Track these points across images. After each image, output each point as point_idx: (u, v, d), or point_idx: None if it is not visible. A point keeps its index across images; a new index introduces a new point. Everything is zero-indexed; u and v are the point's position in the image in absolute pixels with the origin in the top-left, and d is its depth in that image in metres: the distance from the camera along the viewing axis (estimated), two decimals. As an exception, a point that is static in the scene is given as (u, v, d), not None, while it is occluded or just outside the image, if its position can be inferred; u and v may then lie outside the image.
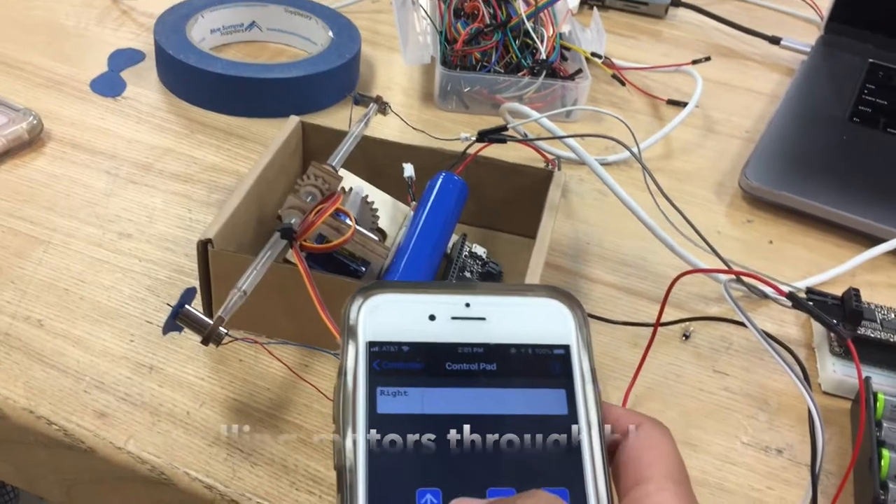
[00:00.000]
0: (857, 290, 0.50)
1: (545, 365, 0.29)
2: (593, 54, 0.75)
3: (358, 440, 0.26)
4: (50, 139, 0.62)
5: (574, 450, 0.27)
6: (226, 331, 0.40)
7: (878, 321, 0.50)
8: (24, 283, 0.50)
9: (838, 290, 0.52)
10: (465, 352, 0.28)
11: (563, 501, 0.25)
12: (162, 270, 0.52)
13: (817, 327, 0.52)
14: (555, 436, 0.28)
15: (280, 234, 0.44)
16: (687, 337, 0.52)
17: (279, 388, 0.45)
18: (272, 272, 0.43)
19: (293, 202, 0.46)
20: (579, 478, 0.27)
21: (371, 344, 0.28)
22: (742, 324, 0.43)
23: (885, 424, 0.44)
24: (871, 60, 0.80)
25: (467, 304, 0.29)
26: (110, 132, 0.63)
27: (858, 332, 0.49)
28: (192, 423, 0.43)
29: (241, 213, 0.48)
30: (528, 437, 0.27)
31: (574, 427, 0.28)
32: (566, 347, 0.29)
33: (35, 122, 0.60)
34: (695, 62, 0.78)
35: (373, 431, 0.26)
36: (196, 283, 0.47)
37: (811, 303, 0.49)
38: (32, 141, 0.61)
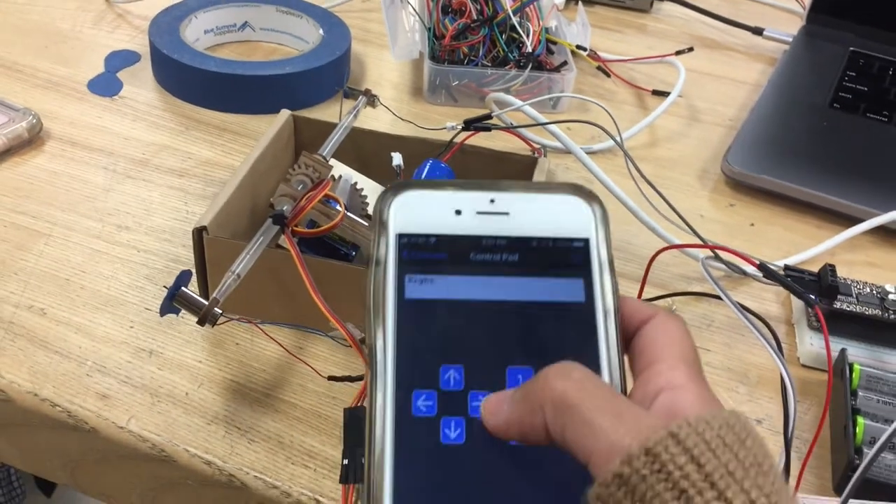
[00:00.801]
0: (832, 266, 0.51)
1: (565, 256, 0.30)
2: (578, 47, 0.76)
3: (387, 322, 0.28)
4: (49, 138, 0.63)
5: (590, 333, 0.29)
6: (220, 311, 0.41)
7: (854, 295, 0.52)
8: (27, 275, 0.51)
9: (818, 269, 0.53)
10: (488, 243, 0.30)
11: (586, 368, 0.26)
12: (160, 260, 0.53)
13: (797, 303, 0.54)
14: (572, 320, 0.29)
15: (272, 220, 0.45)
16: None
17: (274, 368, 0.47)
18: (265, 257, 0.45)
19: (285, 190, 0.48)
20: (594, 358, 0.29)
21: (400, 236, 0.30)
22: (720, 298, 0.45)
23: (860, 393, 0.46)
24: (851, 49, 0.81)
25: (492, 200, 0.31)
26: (108, 130, 0.65)
27: (835, 306, 0.51)
28: (191, 403, 0.45)
29: (235, 202, 0.49)
30: (546, 321, 0.29)
31: (590, 313, 0.29)
32: (585, 240, 0.31)
33: (34, 121, 0.62)
34: (678, 53, 0.80)
35: (401, 314, 0.29)
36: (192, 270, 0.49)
37: (788, 279, 0.50)
38: (32, 139, 0.62)
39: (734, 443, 0.24)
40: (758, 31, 0.88)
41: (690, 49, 0.80)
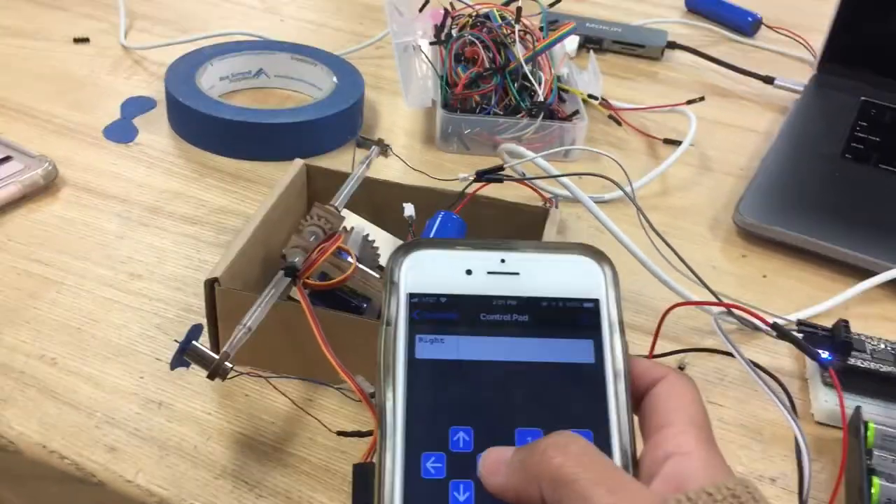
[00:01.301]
0: (846, 322, 0.51)
1: (575, 317, 0.31)
2: (590, 96, 0.77)
3: (397, 382, 0.29)
4: (64, 184, 0.64)
5: (600, 396, 0.29)
6: (231, 365, 0.41)
7: (869, 352, 0.51)
8: (39, 323, 0.52)
9: (832, 323, 0.53)
10: (499, 304, 0.30)
11: (585, 440, 0.26)
12: (171, 309, 0.53)
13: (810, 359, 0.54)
14: (582, 382, 0.29)
15: (284, 272, 0.45)
16: (682, 369, 0.53)
17: (284, 421, 0.47)
18: (276, 309, 0.45)
19: (297, 241, 0.48)
20: (604, 421, 0.29)
21: (411, 295, 0.30)
22: (734, 356, 0.45)
23: (875, 453, 0.45)
24: (863, 98, 0.82)
25: (502, 260, 0.31)
26: (122, 177, 0.66)
27: (849, 362, 0.50)
28: (200, 457, 0.44)
29: (248, 252, 0.50)
30: (556, 382, 0.29)
31: (600, 374, 0.29)
32: (595, 301, 0.31)
33: (50, 167, 0.63)
34: (689, 102, 0.80)
35: (411, 374, 0.29)
36: (204, 321, 0.49)
37: (801, 335, 0.50)
38: (48, 186, 0.63)
39: None
40: (769, 80, 0.88)
41: (702, 98, 0.81)
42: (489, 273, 0.31)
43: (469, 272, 0.31)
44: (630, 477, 0.26)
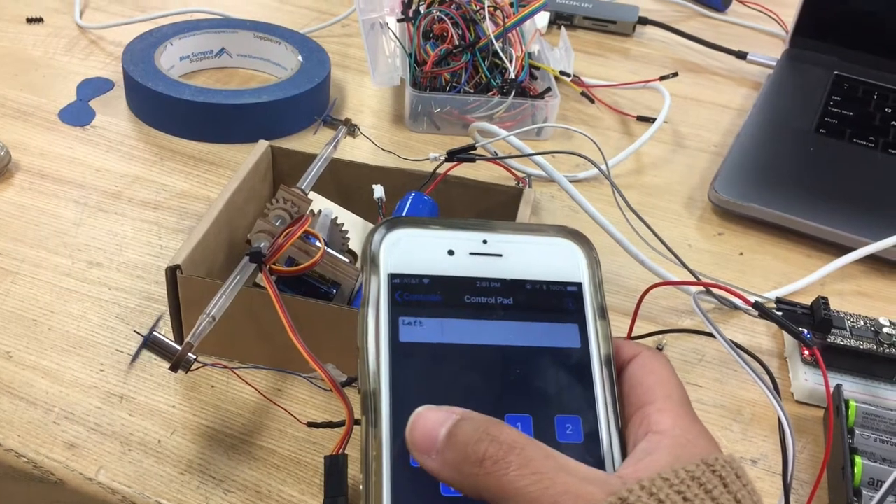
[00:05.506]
0: (825, 299, 0.50)
1: (559, 301, 0.30)
2: (562, 73, 0.75)
3: (381, 366, 0.28)
4: (18, 170, 0.61)
5: (586, 380, 0.29)
6: (195, 356, 0.39)
7: (848, 329, 0.50)
8: (-8, 315, 0.49)
9: (809, 300, 0.52)
10: (482, 286, 0.30)
11: (521, 436, 0.25)
12: (132, 298, 0.51)
13: (789, 337, 0.53)
14: (567, 367, 0.29)
15: (249, 258, 0.44)
16: (660, 350, 0.52)
17: (252, 413, 0.45)
18: (242, 297, 0.43)
19: (262, 226, 0.46)
20: (591, 405, 0.29)
21: (392, 276, 0.29)
22: (713, 336, 0.44)
23: (857, 431, 0.45)
24: (836, 73, 0.81)
25: (485, 241, 0.31)
26: (79, 161, 0.63)
27: (828, 340, 0.49)
28: (164, 452, 0.43)
29: (211, 238, 0.48)
30: (541, 367, 0.29)
31: (586, 358, 0.29)
32: (578, 285, 0.30)
33: (2, 153, 0.60)
34: (662, 78, 0.79)
35: (396, 358, 0.28)
36: (166, 311, 0.47)
37: (780, 313, 0.49)
38: (0, 172, 0.60)
39: (698, 496, 0.24)
40: (741, 56, 0.87)
41: (675, 74, 0.79)
42: (472, 254, 0.30)
43: (451, 252, 0.30)
44: (584, 469, 0.25)
